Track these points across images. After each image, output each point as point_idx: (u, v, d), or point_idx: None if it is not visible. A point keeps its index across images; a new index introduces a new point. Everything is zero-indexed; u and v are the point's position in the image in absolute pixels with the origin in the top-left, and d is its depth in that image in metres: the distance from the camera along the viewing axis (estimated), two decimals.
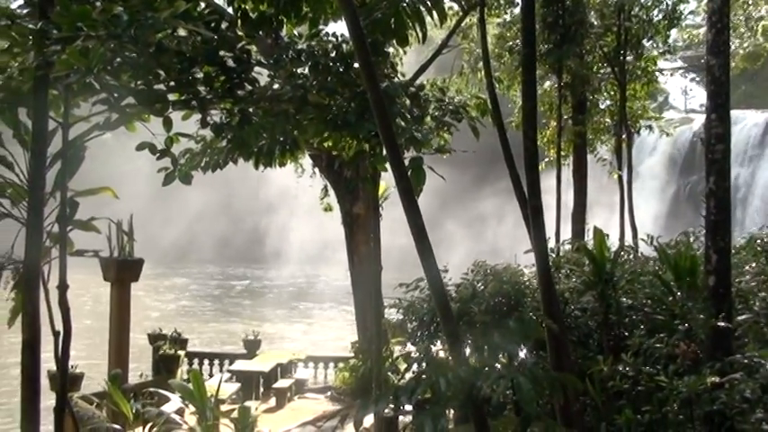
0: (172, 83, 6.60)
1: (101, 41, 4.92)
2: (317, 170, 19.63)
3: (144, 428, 8.20)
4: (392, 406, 4.50)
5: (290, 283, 56.02)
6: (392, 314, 11.50)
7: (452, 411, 8.48)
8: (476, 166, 48.79)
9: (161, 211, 54.01)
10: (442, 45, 18.88)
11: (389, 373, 14.75)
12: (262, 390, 17.37)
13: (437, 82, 10.59)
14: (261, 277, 58.79)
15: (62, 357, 6.58)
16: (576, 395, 7.22)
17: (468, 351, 10.64)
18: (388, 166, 7.41)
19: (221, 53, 6.63)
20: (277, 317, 39.54)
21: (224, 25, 6.89)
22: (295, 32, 7.27)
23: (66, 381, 6.66)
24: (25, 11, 6.25)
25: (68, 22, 5.06)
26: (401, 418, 10.10)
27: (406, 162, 6.74)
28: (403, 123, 7.04)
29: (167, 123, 6.80)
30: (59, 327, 6.79)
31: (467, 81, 21.56)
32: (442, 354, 11.58)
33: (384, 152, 7.42)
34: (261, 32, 7.91)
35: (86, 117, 6.81)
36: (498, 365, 4.52)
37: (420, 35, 6.80)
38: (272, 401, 16.99)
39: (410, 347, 15.03)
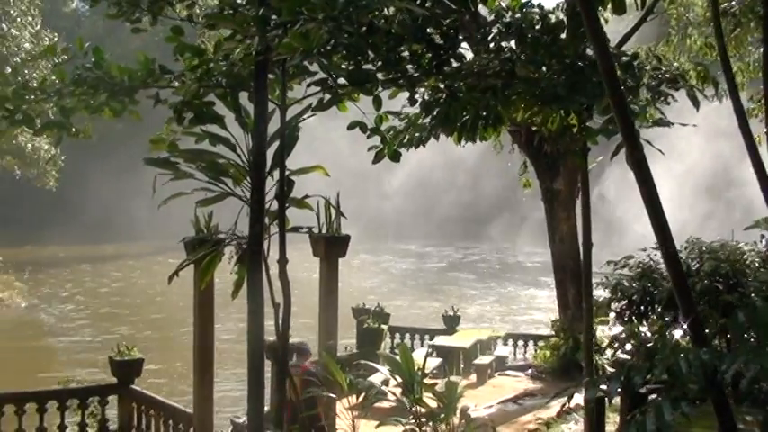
0: (380, 62, 6.73)
1: (319, 24, 5.08)
2: (515, 146, 19.37)
3: (357, 398, 8.50)
4: (616, 387, 4.31)
5: (488, 260, 56.00)
6: (596, 293, 11.17)
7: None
8: None
9: (361, 189, 55.66)
10: (647, 11, 17.91)
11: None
12: (462, 365, 17.50)
13: (651, 49, 10.04)
14: (459, 254, 59.21)
15: (282, 328, 6.94)
16: None
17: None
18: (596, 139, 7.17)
19: (428, 30, 6.66)
20: (474, 293, 39.70)
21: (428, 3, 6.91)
22: (502, 5, 7.15)
23: (286, 350, 7.01)
24: None
25: (288, 7, 5.27)
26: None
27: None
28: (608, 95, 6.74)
29: (377, 102, 6.93)
30: (279, 299, 7.20)
31: (674, 48, 20.34)
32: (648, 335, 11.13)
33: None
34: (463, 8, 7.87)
35: (301, 99, 7.10)
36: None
37: (639, 1, 6.46)
38: (473, 377, 17.08)
39: (614, 328, 14.60)
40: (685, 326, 9.91)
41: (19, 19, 30.23)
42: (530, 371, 17.92)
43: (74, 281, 41.59)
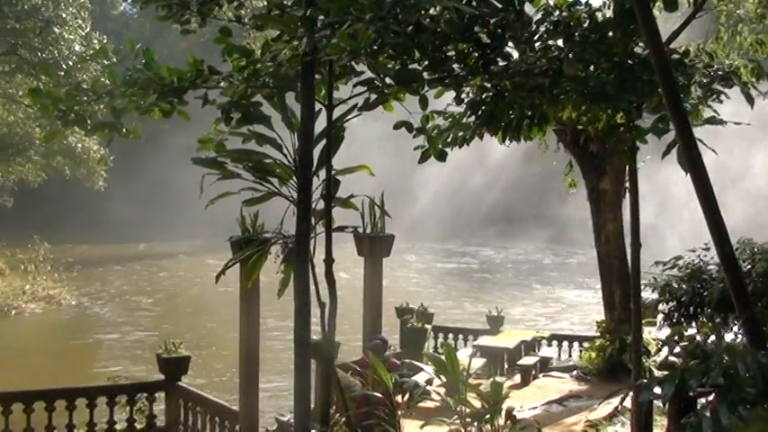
0: (426, 62, 6.73)
1: (366, 24, 5.10)
2: (560, 145, 19.18)
3: (402, 398, 8.51)
4: (669, 390, 4.24)
5: (529, 260, 55.62)
6: (643, 294, 11.02)
7: None
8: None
9: (403, 189, 55.68)
10: (697, 8, 17.59)
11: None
12: (506, 366, 17.38)
13: (700, 47, 9.84)
14: (500, 254, 58.89)
15: (328, 327, 6.97)
16: None
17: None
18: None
19: (475, 29, 6.63)
20: (516, 294, 39.44)
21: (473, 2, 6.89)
22: (550, 2, 7.10)
23: (332, 350, 7.04)
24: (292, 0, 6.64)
25: (336, 8, 5.29)
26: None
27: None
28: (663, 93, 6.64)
29: (423, 101, 6.93)
30: (325, 299, 7.23)
31: (723, 46, 19.95)
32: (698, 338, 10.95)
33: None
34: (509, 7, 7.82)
35: (347, 99, 7.13)
36: None
37: None
38: (517, 378, 16.95)
39: (662, 330, 14.39)
40: (735, 328, 9.74)
41: (70, 22, 30.85)
42: (575, 372, 17.72)
43: (122, 278, 42.30)
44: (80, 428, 13.01)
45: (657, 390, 4.45)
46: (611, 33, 7.11)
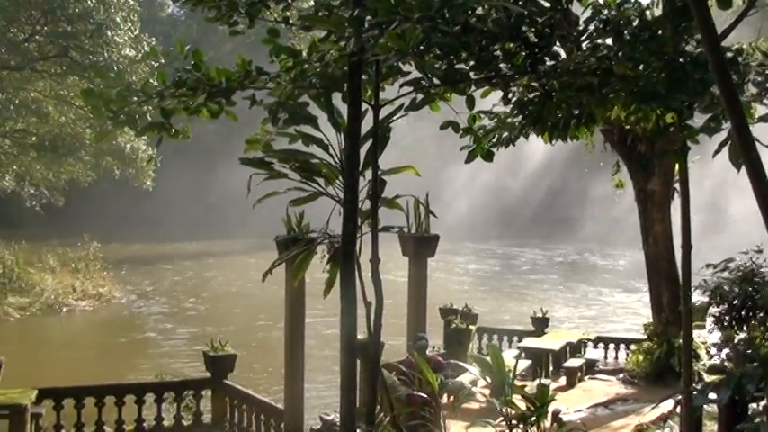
0: (473, 61, 6.69)
1: (414, 24, 5.09)
2: (607, 145, 18.95)
3: (448, 398, 8.48)
4: (726, 395, 4.15)
5: (573, 262, 55.09)
6: (693, 297, 10.84)
7: None
8: None
9: (444, 189, 55.54)
10: (750, 5, 17.22)
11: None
12: (551, 368, 17.24)
13: (752, 44, 9.63)
14: (542, 255, 58.42)
15: (374, 327, 6.98)
16: None
17: None
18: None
19: (523, 28, 6.57)
20: (560, 295, 39.06)
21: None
22: (599, 1, 7.00)
23: (378, 349, 7.05)
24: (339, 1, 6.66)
25: (384, 7, 5.29)
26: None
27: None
28: (719, 92, 6.51)
29: (470, 102, 6.90)
30: (371, 298, 7.24)
31: None
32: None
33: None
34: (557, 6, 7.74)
35: (394, 99, 7.13)
36: None
37: None
38: (563, 380, 16.80)
39: (708, 334, 14.13)
40: None
41: (121, 25, 31.41)
42: (621, 375, 17.51)
43: (170, 277, 42.92)
44: (128, 424, 13.24)
45: (711, 395, 4.35)
46: (661, 32, 7.00)
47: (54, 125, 34.92)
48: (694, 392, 5.87)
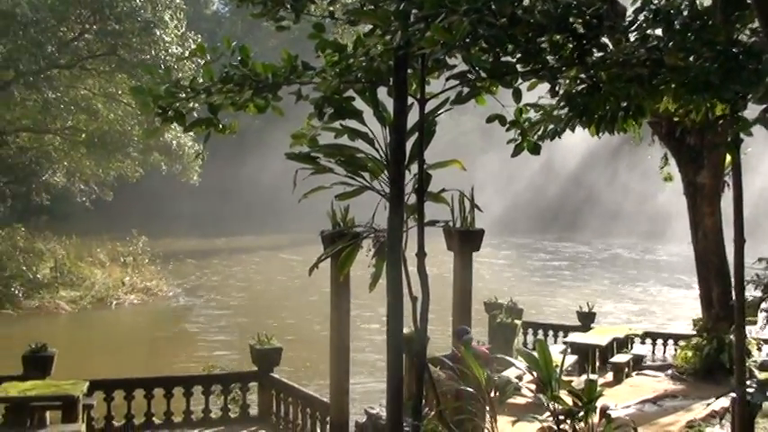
0: (519, 53, 6.62)
1: (461, 16, 5.05)
2: (655, 138, 18.67)
3: (495, 393, 8.44)
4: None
5: (617, 256, 54.40)
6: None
7: None
8: None
9: (490, 183, 55.23)
10: None
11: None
12: (598, 364, 17.05)
13: None
14: (583, 249, 57.82)
15: (421, 321, 6.97)
16: None
17: None
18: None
19: (570, 19, 6.49)
20: (603, 290, 38.59)
21: None
22: None
23: (424, 344, 7.04)
24: None
25: (430, 1, 5.27)
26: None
27: None
28: None
29: (517, 94, 6.83)
30: (416, 293, 7.23)
31: None
32: None
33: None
34: None
35: (440, 93, 7.09)
36: None
37: None
38: (609, 376, 16.63)
39: (761, 330, 13.83)
40: None
41: (168, 23, 31.85)
42: (670, 371, 17.27)
43: (217, 271, 43.44)
44: (177, 416, 13.45)
45: None
46: (712, 21, 6.85)
47: (103, 122, 35.57)
48: (749, 389, 5.76)
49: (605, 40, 6.97)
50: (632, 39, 7.11)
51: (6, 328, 27.08)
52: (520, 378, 11.85)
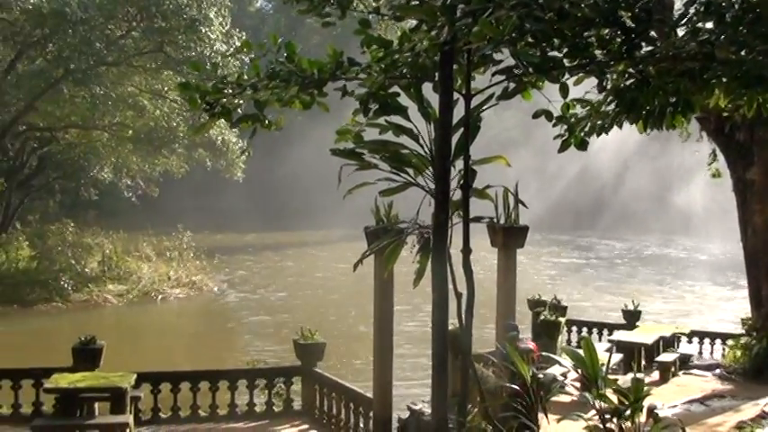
0: (566, 48, 6.54)
1: (508, 11, 5.01)
2: (703, 134, 18.35)
3: (540, 391, 8.37)
4: None
5: (659, 253, 53.63)
6: None
7: None
8: None
9: (534, 179, 54.80)
10: None
11: None
12: (644, 362, 16.82)
13: None
14: (625, 246, 57.09)
15: (466, 317, 6.95)
16: None
17: None
18: None
19: (619, 13, 6.40)
20: (647, 287, 38.05)
21: None
22: None
23: (469, 340, 7.01)
24: None
25: None
26: None
27: None
28: None
29: (564, 90, 6.76)
30: (461, 289, 7.20)
31: None
32: None
33: None
34: None
35: (485, 88, 7.05)
36: None
37: None
38: (655, 375, 16.40)
39: None
40: None
41: (213, 20, 32.19)
42: (718, 371, 16.95)
43: (262, 266, 43.84)
44: (222, 409, 13.61)
45: None
46: (765, 13, 6.70)
47: (149, 118, 36.09)
48: None
49: (654, 33, 6.86)
50: (682, 32, 6.99)
51: (56, 320, 27.70)
52: (564, 376, 11.75)
